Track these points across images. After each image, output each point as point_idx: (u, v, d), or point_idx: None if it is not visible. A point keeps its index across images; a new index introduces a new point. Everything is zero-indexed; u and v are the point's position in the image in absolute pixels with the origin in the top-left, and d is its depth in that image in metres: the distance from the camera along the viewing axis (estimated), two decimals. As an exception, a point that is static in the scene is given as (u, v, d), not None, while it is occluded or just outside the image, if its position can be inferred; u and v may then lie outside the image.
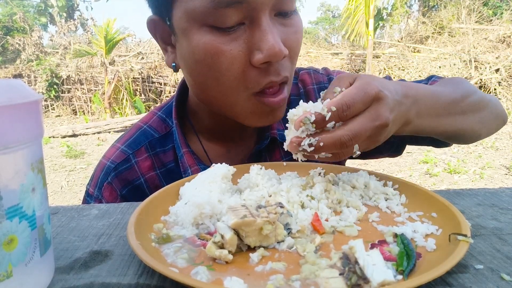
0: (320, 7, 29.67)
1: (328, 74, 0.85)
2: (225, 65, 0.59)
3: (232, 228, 0.41)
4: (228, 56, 0.58)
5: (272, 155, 0.77)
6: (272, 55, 0.57)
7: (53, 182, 4.76)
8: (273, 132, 0.75)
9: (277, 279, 0.36)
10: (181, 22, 0.60)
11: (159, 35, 0.68)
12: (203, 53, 0.59)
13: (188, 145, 0.74)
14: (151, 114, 0.80)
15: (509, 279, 0.36)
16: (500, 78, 7.81)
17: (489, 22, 8.94)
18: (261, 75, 0.60)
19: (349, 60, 9.33)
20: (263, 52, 0.57)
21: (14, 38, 11.47)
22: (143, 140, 0.76)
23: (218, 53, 0.58)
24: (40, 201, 0.34)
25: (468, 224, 0.41)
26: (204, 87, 0.64)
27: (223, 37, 0.58)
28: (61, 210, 0.57)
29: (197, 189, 0.53)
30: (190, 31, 0.59)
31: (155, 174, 0.75)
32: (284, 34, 0.60)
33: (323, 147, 0.49)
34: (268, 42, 0.56)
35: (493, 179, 4.16)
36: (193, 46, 0.60)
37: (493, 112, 0.76)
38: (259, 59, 0.57)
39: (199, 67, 0.62)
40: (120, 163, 0.74)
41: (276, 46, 0.56)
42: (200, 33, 0.58)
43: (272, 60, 0.58)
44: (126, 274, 0.39)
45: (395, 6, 10.82)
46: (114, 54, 9.36)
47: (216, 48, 0.58)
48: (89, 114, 9.55)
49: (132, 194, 0.74)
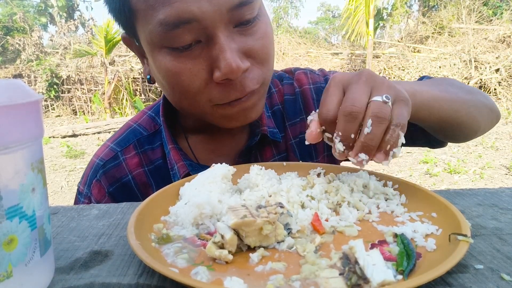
0: (320, 7, 29.66)
1: (324, 75, 0.85)
2: (186, 82, 0.60)
3: (232, 228, 0.41)
4: (188, 75, 0.60)
5: (263, 153, 0.77)
6: (228, 72, 0.57)
7: (53, 182, 4.76)
8: (264, 129, 0.75)
9: (277, 279, 0.36)
10: (145, 44, 0.63)
11: (135, 49, 0.71)
12: (165, 73, 0.61)
13: (175, 142, 0.75)
14: (141, 113, 0.82)
15: (509, 279, 0.36)
16: (500, 78, 7.82)
17: (489, 22, 8.94)
18: (224, 91, 0.61)
19: (349, 60, 9.34)
20: (221, 70, 0.57)
21: (14, 38, 11.48)
22: (131, 138, 0.78)
23: (178, 73, 0.60)
24: (40, 201, 0.34)
25: (468, 224, 0.41)
26: (175, 99, 0.67)
27: (182, 57, 0.59)
28: (61, 210, 0.57)
29: (197, 189, 0.53)
30: (153, 52, 0.62)
31: (142, 171, 0.76)
32: (246, 44, 0.60)
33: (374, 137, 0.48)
34: (224, 60, 0.57)
35: (493, 179, 4.16)
36: (157, 66, 0.62)
37: (487, 106, 0.76)
38: (218, 76, 0.58)
39: (166, 85, 0.64)
40: (108, 161, 0.76)
41: (233, 63, 0.56)
42: (161, 54, 0.60)
43: (230, 77, 0.58)
44: (126, 274, 0.39)
45: (395, 6, 10.82)
46: (114, 54, 9.36)
47: (176, 67, 0.60)
48: (89, 114, 9.55)
49: (119, 192, 0.75)
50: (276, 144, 0.78)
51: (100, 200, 0.74)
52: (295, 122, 0.80)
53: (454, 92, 0.70)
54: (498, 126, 6.40)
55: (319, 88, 0.82)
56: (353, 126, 0.48)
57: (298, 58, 9.60)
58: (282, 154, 0.79)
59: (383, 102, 0.47)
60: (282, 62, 9.38)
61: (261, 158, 0.77)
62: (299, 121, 0.80)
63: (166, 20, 0.55)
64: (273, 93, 0.82)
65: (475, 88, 0.78)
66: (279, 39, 10.12)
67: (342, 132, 0.48)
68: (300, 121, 0.80)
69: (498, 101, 7.69)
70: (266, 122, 0.76)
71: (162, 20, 0.56)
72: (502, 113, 7.16)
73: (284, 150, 0.79)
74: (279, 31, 11.90)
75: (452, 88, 0.72)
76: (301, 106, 0.81)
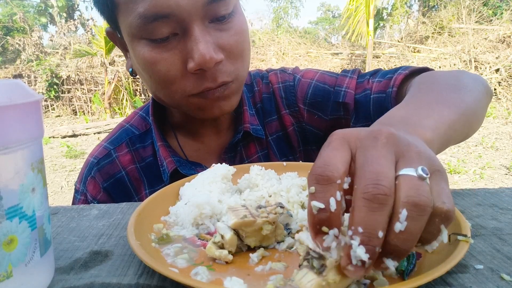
0: (320, 7, 29.68)
1: (295, 72, 0.86)
2: (163, 72, 0.64)
3: (232, 228, 0.41)
4: (164, 65, 0.63)
5: (247, 149, 0.80)
6: (202, 63, 0.60)
7: (53, 182, 4.76)
8: (246, 126, 0.78)
9: (277, 279, 0.36)
10: (125, 36, 0.67)
11: (118, 42, 0.74)
12: (143, 63, 0.65)
13: (164, 139, 0.78)
14: (133, 114, 0.86)
15: (509, 279, 0.36)
16: (500, 78, 7.81)
17: (489, 22, 8.93)
18: (198, 81, 0.64)
19: (349, 60, 9.33)
20: (194, 60, 0.61)
21: (14, 38, 11.47)
22: (124, 137, 0.81)
23: (155, 63, 0.63)
24: (40, 201, 0.34)
25: (468, 224, 0.41)
26: (154, 90, 0.70)
27: (159, 48, 0.63)
28: (61, 210, 0.57)
29: (197, 189, 0.53)
30: (133, 43, 0.65)
31: (134, 168, 0.79)
32: (221, 39, 0.63)
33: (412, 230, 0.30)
34: (198, 51, 0.60)
35: (493, 179, 4.16)
36: (136, 56, 0.66)
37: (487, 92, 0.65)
38: (192, 67, 0.62)
39: (144, 74, 0.68)
40: (102, 158, 0.79)
41: (207, 54, 0.60)
42: (140, 45, 0.64)
43: (204, 67, 0.61)
44: (126, 274, 0.39)
45: (395, 6, 10.82)
46: (114, 54, 9.35)
47: (153, 58, 0.63)
48: (89, 114, 9.55)
49: (114, 187, 0.78)
50: (259, 140, 0.81)
51: (96, 195, 0.77)
52: (271, 120, 0.83)
53: (459, 101, 0.56)
54: (498, 126, 6.41)
55: (287, 87, 0.84)
56: (380, 218, 0.30)
57: (298, 58, 9.60)
58: (265, 150, 0.82)
59: (419, 179, 0.31)
60: (282, 62, 9.38)
61: (246, 154, 0.80)
62: (275, 118, 0.83)
63: (144, 13, 0.59)
64: (256, 91, 0.85)
65: (464, 73, 0.66)
66: (279, 39, 10.12)
67: (365, 227, 0.29)
68: (276, 119, 0.83)
69: (498, 101, 7.69)
70: (249, 120, 0.79)
71: (141, 13, 0.59)
72: (502, 113, 7.16)
73: (266, 147, 0.82)
74: (279, 31, 11.89)
75: (453, 92, 0.58)
76: (274, 105, 0.84)
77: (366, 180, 0.31)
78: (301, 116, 0.82)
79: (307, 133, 0.82)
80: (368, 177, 0.31)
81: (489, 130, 6.19)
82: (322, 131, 0.81)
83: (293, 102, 0.82)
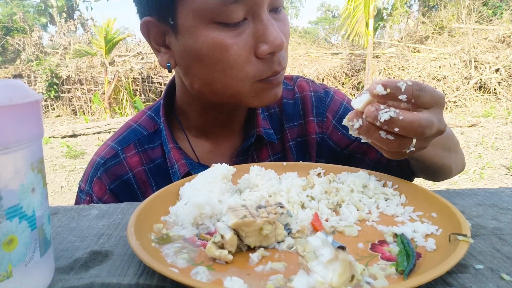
0: (320, 7, 29.68)
1: (324, 88, 0.88)
2: (233, 57, 0.63)
3: (232, 228, 0.41)
4: (235, 49, 0.63)
5: (259, 153, 0.80)
6: (277, 45, 0.62)
7: (53, 182, 4.76)
8: (259, 130, 0.77)
9: (277, 279, 0.36)
10: (187, 20, 0.63)
11: (153, 36, 0.70)
12: (211, 48, 0.63)
13: (175, 141, 0.77)
14: (141, 113, 0.84)
15: (509, 279, 0.36)
16: (500, 78, 7.82)
17: (489, 22, 8.94)
18: (266, 66, 0.65)
19: (349, 60, 9.33)
20: (268, 44, 0.62)
21: (14, 38, 11.48)
22: (132, 138, 0.79)
23: (226, 47, 0.62)
24: (40, 201, 0.34)
25: (468, 224, 0.41)
26: (208, 81, 0.68)
27: (230, 32, 0.62)
28: (61, 210, 0.57)
29: (197, 189, 0.53)
30: (197, 29, 0.63)
31: (143, 169, 0.78)
32: (279, 27, 0.65)
33: (402, 121, 0.46)
34: (272, 34, 0.62)
35: (493, 179, 4.16)
36: (201, 42, 0.63)
37: (461, 156, 0.80)
38: (265, 50, 0.62)
39: (206, 62, 0.65)
40: (109, 159, 0.77)
41: (279, 37, 0.62)
42: (208, 30, 0.62)
43: (277, 50, 0.63)
44: (126, 274, 0.39)
45: (395, 6, 10.82)
46: (114, 54, 9.36)
47: (224, 42, 0.62)
48: (89, 114, 9.55)
49: (120, 188, 0.76)
50: (272, 145, 0.81)
51: (102, 196, 0.76)
52: (294, 125, 0.83)
53: (451, 142, 0.72)
54: (498, 126, 6.41)
55: (318, 97, 0.85)
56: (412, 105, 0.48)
57: (298, 58, 9.60)
58: (277, 154, 0.82)
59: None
60: (282, 62, 9.34)
61: (258, 158, 0.80)
62: (297, 124, 0.83)
63: None
64: None
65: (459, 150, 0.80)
66: (279, 39, 10.08)
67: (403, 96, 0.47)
68: (299, 124, 0.83)
69: (498, 101, 7.69)
70: (262, 124, 0.79)
71: None
72: (502, 113, 7.17)
73: (280, 151, 0.82)
74: (279, 31, 11.86)
75: (450, 135, 0.73)
76: (300, 110, 0.84)
77: None
78: (326, 128, 0.83)
79: (324, 145, 0.83)
80: None
81: (489, 130, 6.19)
82: (340, 147, 0.82)
83: (322, 112, 0.83)
